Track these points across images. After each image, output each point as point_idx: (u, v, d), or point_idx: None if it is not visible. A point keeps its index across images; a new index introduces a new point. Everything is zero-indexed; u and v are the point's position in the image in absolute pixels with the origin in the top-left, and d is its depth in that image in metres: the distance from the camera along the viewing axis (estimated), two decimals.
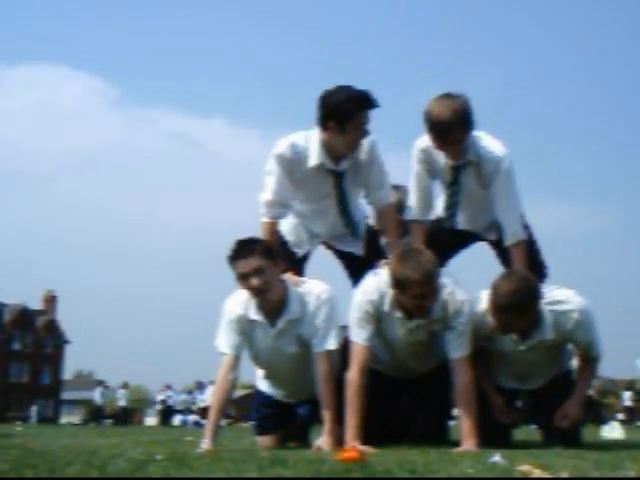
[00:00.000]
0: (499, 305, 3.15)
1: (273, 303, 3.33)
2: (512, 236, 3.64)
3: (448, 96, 3.50)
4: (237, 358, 3.40)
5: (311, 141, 3.57)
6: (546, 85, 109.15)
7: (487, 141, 3.64)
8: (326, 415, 3.26)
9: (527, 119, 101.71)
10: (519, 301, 3.12)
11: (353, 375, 3.26)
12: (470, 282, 3.57)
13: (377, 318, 3.36)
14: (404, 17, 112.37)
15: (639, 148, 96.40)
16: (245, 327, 3.40)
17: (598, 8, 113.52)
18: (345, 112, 3.41)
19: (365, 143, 3.57)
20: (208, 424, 3.38)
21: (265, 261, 3.25)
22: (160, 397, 23.06)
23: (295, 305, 3.35)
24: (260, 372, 3.79)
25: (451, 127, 3.44)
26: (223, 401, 3.38)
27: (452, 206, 3.81)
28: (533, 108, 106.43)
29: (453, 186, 3.74)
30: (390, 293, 3.31)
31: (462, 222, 3.91)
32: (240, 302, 3.40)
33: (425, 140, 3.67)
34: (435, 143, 3.55)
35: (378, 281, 3.37)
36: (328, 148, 3.55)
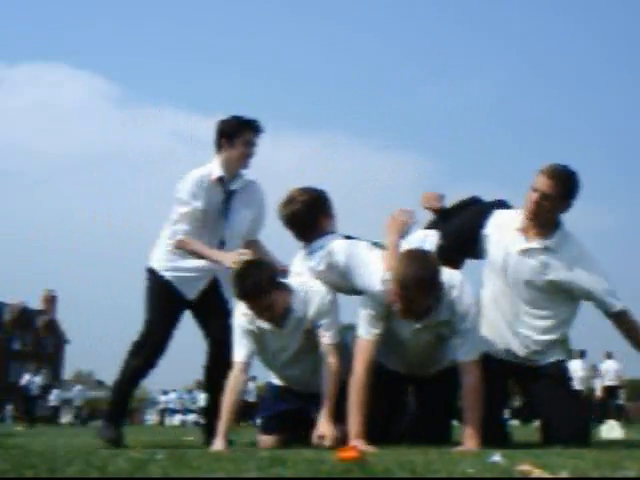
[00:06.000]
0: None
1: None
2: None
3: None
4: (247, 365, 3.48)
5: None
6: (547, 85, 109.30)
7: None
8: (326, 403, 3.32)
9: (528, 118, 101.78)
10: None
11: (359, 372, 3.25)
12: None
13: (387, 315, 3.32)
14: (405, 16, 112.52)
15: None
16: (255, 334, 3.49)
17: (600, 6, 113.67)
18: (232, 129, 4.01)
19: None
20: (220, 424, 3.38)
21: (272, 293, 3.33)
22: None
23: (299, 305, 3.44)
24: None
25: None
26: (235, 401, 3.42)
27: None
28: (534, 107, 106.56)
29: None
30: None
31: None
32: (246, 313, 3.46)
33: None
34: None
35: None
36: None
